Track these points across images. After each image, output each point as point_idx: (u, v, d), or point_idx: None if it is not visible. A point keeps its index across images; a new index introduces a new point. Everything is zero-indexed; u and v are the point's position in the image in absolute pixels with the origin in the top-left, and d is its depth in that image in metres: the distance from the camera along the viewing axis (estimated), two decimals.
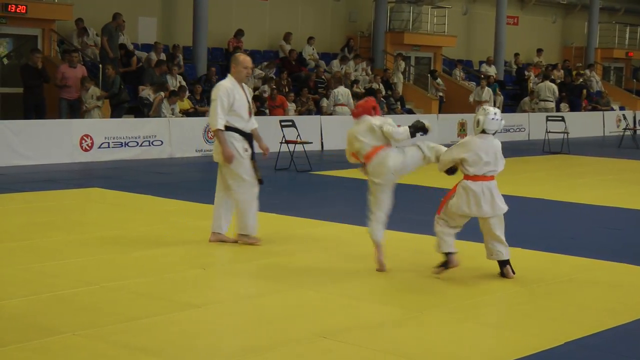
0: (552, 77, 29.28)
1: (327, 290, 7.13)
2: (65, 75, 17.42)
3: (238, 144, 8.62)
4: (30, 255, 8.04)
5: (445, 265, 7.54)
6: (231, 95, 8.49)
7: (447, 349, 5.65)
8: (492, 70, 28.36)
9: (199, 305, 6.45)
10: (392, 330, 6.02)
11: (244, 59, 8.66)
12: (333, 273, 7.59)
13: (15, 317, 6.05)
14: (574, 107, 28.01)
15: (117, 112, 18.01)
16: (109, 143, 16.49)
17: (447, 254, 7.55)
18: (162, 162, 16.50)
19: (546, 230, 10.30)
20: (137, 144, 16.86)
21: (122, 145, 16.69)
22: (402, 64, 25.79)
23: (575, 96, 28.71)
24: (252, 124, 8.84)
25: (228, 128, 8.58)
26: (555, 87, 26.91)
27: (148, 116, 17.99)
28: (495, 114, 7.75)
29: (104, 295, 6.69)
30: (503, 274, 7.56)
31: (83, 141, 16.13)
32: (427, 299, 6.91)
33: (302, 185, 14.10)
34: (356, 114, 8.11)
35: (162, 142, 17.21)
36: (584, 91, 28.41)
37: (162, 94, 18.26)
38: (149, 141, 17.05)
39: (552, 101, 26.52)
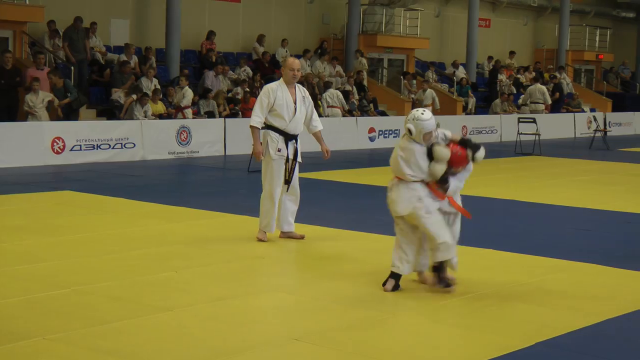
0: (523, 79, 29.58)
1: (300, 292, 7.13)
2: (32, 77, 17.28)
3: (273, 143, 8.90)
4: (1, 259, 7.97)
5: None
6: (272, 96, 8.81)
7: (418, 351, 5.66)
8: (460, 73, 28.53)
9: (170, 308, 6.42)
10: (364, 332, 6.02)
11: (291, 62, 8.97)
12: (306, 275, 7.59)
13: None
14: (554, 109, 28.30)
15: (71, 117, 17.67)
16: (81, 146, 16.38)
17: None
18: (134, 164, 16.42)
19: (517, 232, 10.35)
20: (110, 146, 16.77)
21: (94, 148, 16.59)
22: (364, 61, 25.69)
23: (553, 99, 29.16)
24: (312, 127, 9.29)
25: (268, 127, 8.91)
26: (545, 89, 27.29)
27: (120, 119, 17.91)
28: (422, 113, 7.30)
29: (75, 299, 6.65)
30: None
31: (55, 144, 16.02)
32: (399, 301, 6.91)
33: None
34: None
35: (134, 145, 17.13)
36: (557, 94, 28.67)
37: (134, 96, 18.17)
38: (122, 144, 16.96)
39: (542, 103, 26.89)
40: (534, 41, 35.58)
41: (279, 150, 8.92)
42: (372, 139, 22.01)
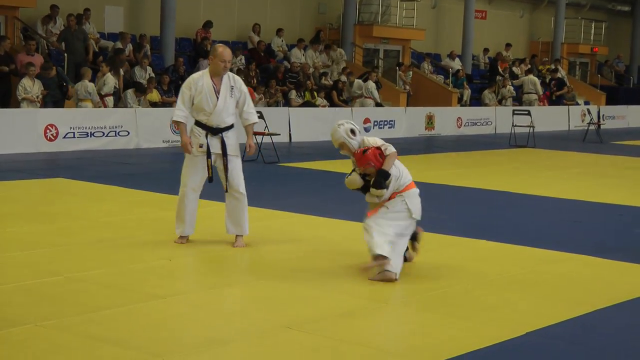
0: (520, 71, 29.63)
1: (292, 281, 7.16)
2: (23, 63, 17.25)
3: (195, 139, 8.29)
4: None
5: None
6: (192, 88, 8.21)
7: (411, 340, 5.70)
8: (456, 64, 28.56)
9: (163, 296, 6.45)
10: (357, 321, 6.06)
11: (222, 52, 8.20)
12: (299, 264, 7.62)
13: None
14: (557, 102, 28.39)
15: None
16: (74, 133, 16.39)
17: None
18: (128, 152, 16.43)
19: (510, 223, 10.40)
20: (103, 134, 16.78)
21: (87, 136, 16.59)
22: (342, 52, 25.55)
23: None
24: (243, 119, 8.45)
25: (195, 122, 8.37)
26: (537, 80, 27.50)
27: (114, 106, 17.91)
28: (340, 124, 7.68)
29: (68, 286, 6.67)
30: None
31: (48, 131, 16.03)
32: (392, 290, 6.95)
33: (269, 177, 14.10)
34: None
35: (128, 133, 17.14)
36: (565, 88, 28.92)
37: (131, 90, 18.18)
38: (115, 131, 16.97)
39: (534, 93, 27.08)
40: (530, 33, 35.62)
41: (201, 146, 8.25)
42: (367, 130, 22.03)
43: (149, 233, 8.87)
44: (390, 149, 7.53)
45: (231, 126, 8.34)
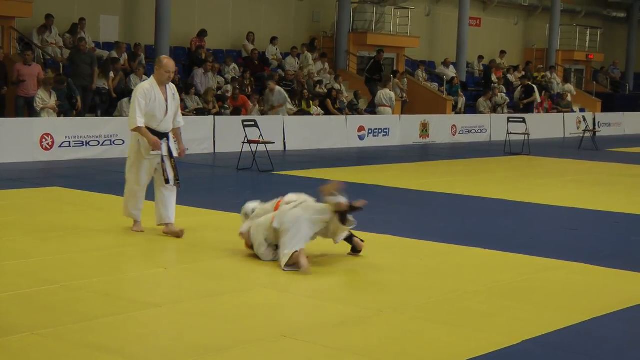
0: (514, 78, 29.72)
1: (287, 289, 7.18)
2: (20, 72, 17.28)
3: (144, 142, 9.01)
4: None
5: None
6: (148, 96, 8.92)
7: (406, 348, 5.72)
8: (450, 72, 28.63)
9: (159, 305, 6.47)
10: (352, 329, 6.08)
11: (167, 63, 9.02)
12: (294, 273, 7.64)
13: None
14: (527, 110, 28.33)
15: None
16: (69, 142, 16.40)
17: None
18: (123, 161, 16.27)
19: (505, 231, 10.42)
20: (99, 143, 16.79)
21: (83, 145, 16.61)
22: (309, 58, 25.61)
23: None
24: (176, 123, 9.30)
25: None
26: (535, 88, 27.70)
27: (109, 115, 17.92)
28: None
29: (64, 295, 6.68)
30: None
31: (43, 140, 16.04)
32: (386, 298, 6.98)
33: (264, 185, 14.13)
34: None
35: (123, 142, 17.12)
36: (541, 94, 28.77)
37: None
38: (111, 140, 16.98)
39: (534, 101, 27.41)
40: (525, 40, 35.71)
41: (153, 150, 9.02)
42: (361, 138, 22.08)
43: (145, 242, 8.88)
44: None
45: (169, 131, 9.24)
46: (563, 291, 7.44)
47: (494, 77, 29.51)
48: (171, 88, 9.20)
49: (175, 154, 9.25)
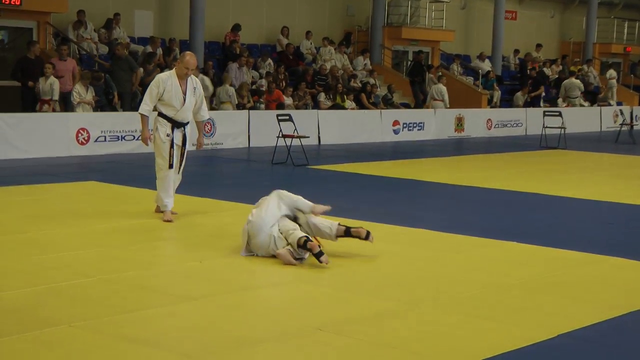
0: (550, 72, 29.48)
1: (323, 283, 7.20)
2: (56, 67, 17.43)
3: (162, 128, 9.59)
4: (28, 248, 8.10)
5: None
6: (161, 86, 9.46)
7: (442, 341, 5.71)
8: (485, 66, 28.46)
9: (195, 298, 6.52)
10: (389, 323, 6.09)
11: (188, 60, 9.51)
12: (329, 266, 7.66)
13: (13, 308, 6.11)
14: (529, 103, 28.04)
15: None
16: (105, 137, 16.54)
17: None
18: None
19: (541, 225, 10.36)
20: (134, 137, 16.91)
21: (118, 139, 16.74)
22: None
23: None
24: (199, 116, 9.90)
25: (159, 114, 9.61)
26: (581, 83, 27.45)
27: None
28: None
29: (101, 288, 6.76)
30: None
31: (79, 135, 16.19)
32: (422, 291, 6.98)
33: (299, 180, 14.16)
34: None
35: None
36: (541, 88, 28.23)
37: None
38: None
39: (577, 98, 27.12)
40: (561, 33, 35.41)
41: (168, 135, 9.58)
42: (396, 132, 22.04)
43: (180, 235, 8.95)
44: None
45: (188, 122, 9.77)
46: (599, 285, 7.40)
47: (529, 71, 29.29)
48: (193, 82, 9.69)
49: (189, 146, 9.85)
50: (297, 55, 24.11)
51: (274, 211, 8.03)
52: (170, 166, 9.64)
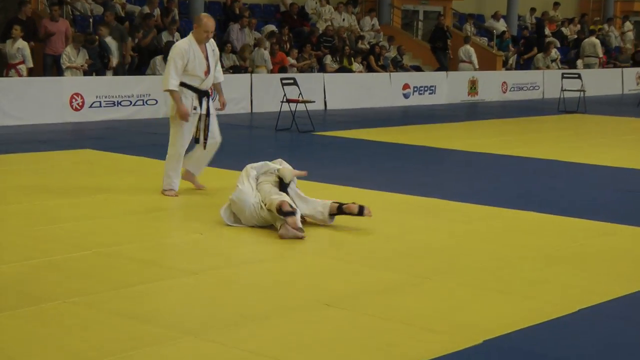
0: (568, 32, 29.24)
1: (328, 255, 7.19)
2: (47, 29, 17.34)
3: (187, 101, 9.21)
4: (22, 220, 8.10)
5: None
6: (185, 57, 9.05)
7: (455, 316, 5.70)
8: (500, 26, 28.27)
9: (195, 272, 6.51)
10: (398, 297, 6.07)
11: (206, 22, 9.12)
12: (334, 238, 7.64)
13: (7, 283, 6.11)
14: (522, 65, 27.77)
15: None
16: (100, 102, 16.50)
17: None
18: (157, 122, 16.49)
19: (560, 193, 10.33)
20: (131, 103, 16.88)
21: (114, 105, 16.70)
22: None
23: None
24: (217, 78, 9.52)
25: (182, 84, 9.17)
26: (598, 42, 27.22)
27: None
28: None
29: (97, 261, 6.75)
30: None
31: (73, 100, 16.15)
32: (433, 264, 6.96)
33: (304, 146, 14.13)
34: None
35: (156, 101, 17.21)
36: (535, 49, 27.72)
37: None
38: (143, 100, 17.06)
39: (595, 57, 26.83)
40: None
41: (195, 109, 9.26)
42: (406, 96, 21.95)
43: (180, 206, 8.93)
44: None
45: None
46: (620, 257, 7.37)
47: (547, 31, 29.08)
48: (211, 44, 9.36)
49: (212, 111, 9.48)
50: (302, 16, 23.97)
51: (244, 179, 8.08)
52: (197, 140, 9.42)
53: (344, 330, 5.40)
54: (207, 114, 9.37)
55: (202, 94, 9.29)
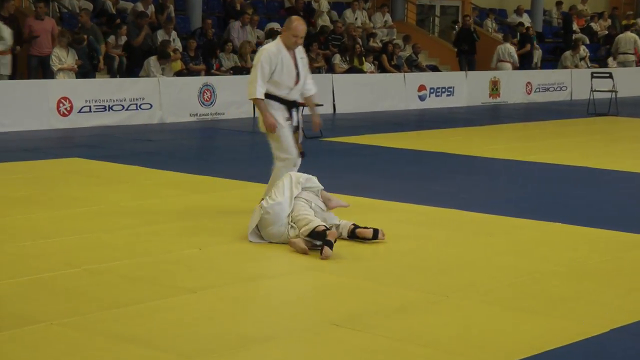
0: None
1: (339, 272, 7.18)
2: (33, 28, 17.39)
3: (277, 112, 8.85)
4: (6, 235, 8.11)
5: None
6: (273, 62, 8.70)
7: (475, 337, 5.69)
8: (524, 21, 28.26)
9: (194, 290, 6.52)
10: (414, 317, 6.07)
11: (296, 26, 8.75)
12: (346, 253, 7.64)
13: None
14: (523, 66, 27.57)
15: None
16: (90, 107, 16.54)
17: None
18: (151, 128, 16.55)
19: (590, 203, 10.32)
20: (123, 107, 16.91)
21: (105, 110, 16.74)
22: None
23: None
24: (306, 90, 9.09)
25: (267, 96, 8.82)
26: (637, 37, 27.16)
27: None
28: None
29: (87, 279, 6.76)
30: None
31: (61, 105, 16.19)
32: (453, 281, 6.95)
33: (311, 154, 14.09)
34: None
35: (151, 106, 17.26)
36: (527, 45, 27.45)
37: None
38: (137, 104, 17.10)
39: (632, 54, 26.78)
40: None
41: (288, 119, 8.92)
42: (422, 98, 21.95)
43: (177, 219, 8.94)
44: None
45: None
46: None
47: (575, 27, 29.06)
48: (300, 51, 8.98)
49: (302, 125, 9.19)
50: (308, 12, 24.00)
51: (286, 189, 8.00)
52: (302, 155, 9.04)
53: (352, 353, 5.40)
54: (298, 127, 9.07)
55: (290, 105, 8.96)
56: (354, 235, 8.02)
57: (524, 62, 26.07)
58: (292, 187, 8.02)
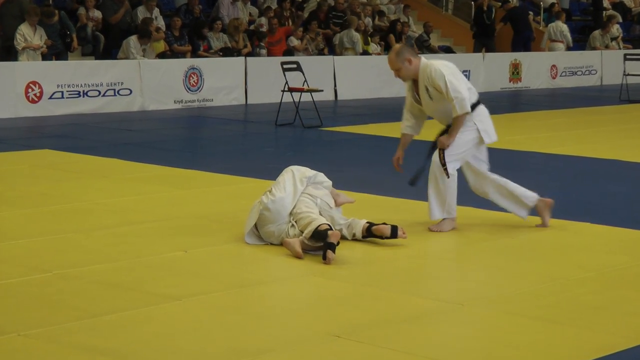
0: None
1: (342, 278, 7.18)
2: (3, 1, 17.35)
3: (489, 121, 9.78)
4: None
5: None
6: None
7: (495, 350, 5.70)
8: None
9: (178, 297, 6.52)
10: (425, 327, 6.08)
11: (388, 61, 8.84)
12: (350, 256, 7.64)
13: None
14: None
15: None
16: (62, 92, 16.55)
17: None
18: (131, 116, 16.55)
19: (621, 200, 10.33)
20: (100, 93, 16.92)
21: (79, 95, 16.75)
22: None
23: None
24: None
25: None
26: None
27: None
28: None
29: (59, 285, 6.76)
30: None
31: (29, 90, 16.19)
32: (469, 288, 6.96)
33: (309, 144, 14.15)
34: None
35: (131, 91, 17.27)
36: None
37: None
38: (115, 90, 17.10)
39: None
40: None
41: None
42: None
43: (160, 218, 8.95)
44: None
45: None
46: None
47: (605, 3, 29.06)
48: (426, 79, 8.90)
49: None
50: None
51: (290, 183, 7.98)
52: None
53: None
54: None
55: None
56: (370, 233, 7.96)
57: (517, 46, 26.11)
58: (295, 182, 8.01)
